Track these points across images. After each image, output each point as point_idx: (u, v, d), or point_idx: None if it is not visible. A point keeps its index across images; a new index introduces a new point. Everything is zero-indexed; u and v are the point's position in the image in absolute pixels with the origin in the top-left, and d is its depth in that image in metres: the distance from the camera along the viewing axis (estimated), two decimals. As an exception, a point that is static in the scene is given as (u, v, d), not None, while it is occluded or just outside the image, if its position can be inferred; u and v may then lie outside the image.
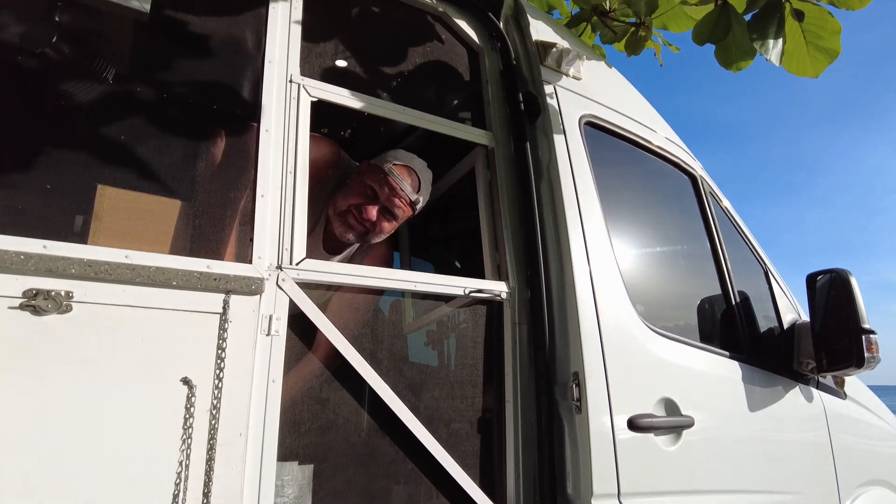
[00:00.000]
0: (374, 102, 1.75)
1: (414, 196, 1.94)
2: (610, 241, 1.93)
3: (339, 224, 1.90)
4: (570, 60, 2.12)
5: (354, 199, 1.89)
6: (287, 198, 1.50)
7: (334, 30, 1.84)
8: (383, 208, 1.91)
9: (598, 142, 2.13)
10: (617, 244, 1.97)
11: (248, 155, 1.50)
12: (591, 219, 1.90)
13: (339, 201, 1.92)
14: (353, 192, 1.91)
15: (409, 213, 1.98)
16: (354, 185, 1.93)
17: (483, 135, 1.97)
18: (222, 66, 1.57)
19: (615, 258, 1.93)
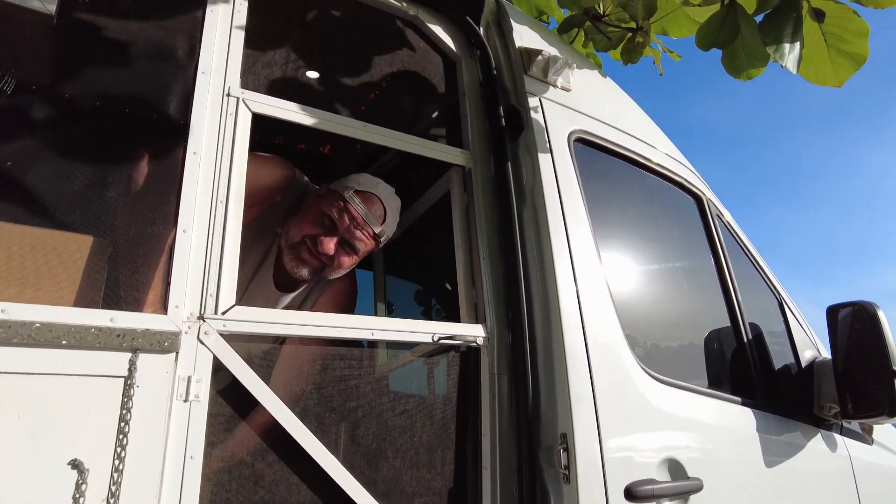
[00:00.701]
0: (330, 118, 1.52)
1: (378, 227, 1.70)
2: (604, 275, 1.69)
3: (291, 258, 1.66)
4: (557, 69, 1.89)
5: (309, 228, 1.65)
6: (215, 232, 1.26)
7: (285, 36, 1.62)
8: (342, 241, 1.67)
9: (590, 160, 1.89)
10: (612, 278, 1.72)
11: (171, 182, 1.26)
12: (581, 249, 1.65)
13: (291, 231, 1.68)
14: (308, 220, 1.67)
15: (372, 245, 1.74)
16: (310, 212, 1.69)
17: (459, 154, 1.73)
18: (144, 77, 1.34)
19: (610, 295, 1.68)
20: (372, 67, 1.75)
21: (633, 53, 2.24)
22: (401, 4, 1.83)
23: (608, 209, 1.89)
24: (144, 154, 1.28)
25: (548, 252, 1.60)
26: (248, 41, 1.50)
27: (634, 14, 2.15)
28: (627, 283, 1.86)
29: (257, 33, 1.56)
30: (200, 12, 1.43)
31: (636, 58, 2.25)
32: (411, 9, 1.85)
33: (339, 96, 1.66)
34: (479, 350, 1.52)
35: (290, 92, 1.54)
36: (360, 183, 1.72)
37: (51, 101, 1.25)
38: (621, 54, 2.28)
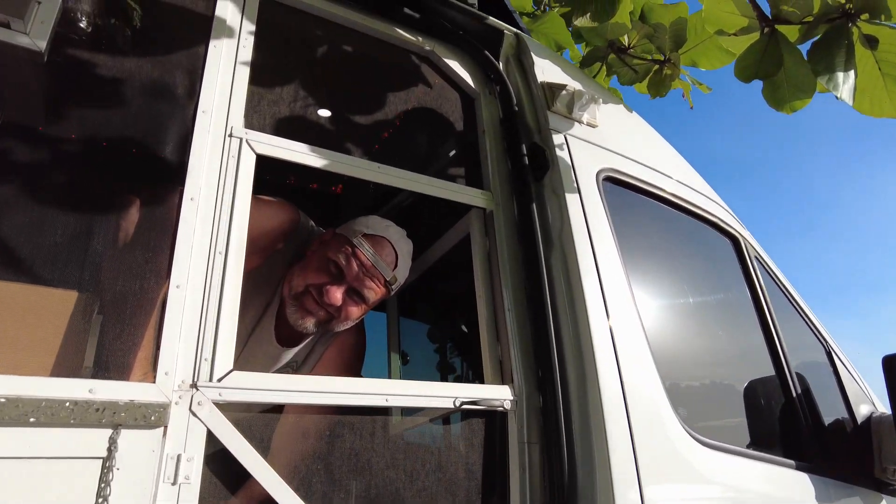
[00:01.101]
0: (341, 160, 1.40)
1: (389, 274, 1.57)
2: (642, 327, 1.53)
3: (295, 309, 1.52)
4: (583, 105, 1.77)
5: (314, 277, 1.52)
6: (212, 287, 1.12)
7: (293, 73, 1.52)
8: (351, 289, 1.53)
9: (621, 201, 1.75)
10: (649, 329, 1.56)
11: (164, 231, 1.14)
12: (616, 298, 1.50)
13: (294, 280, 1.55)
14: (313, 268, 1.53)
15: (383, 293, 1.60)
16: (314, 259, 1.56)
17: (480, 195, 1.60)
18: (138, 117, 1.23)
19: (649, 347, 1.52)
20: (386, 105, 1.64)
21: (660, 86, 2.13)
22: (416, 39, 1.74)
23: (642, 253, 1.74)
24: (136, 200, 1.16)
25: (580, 302, 1.45)
26: (254, 78, 1.40)
27: (662, 45, 2.05)
28: (666, 334, 1.69)
29: (263, 70, 1.46)
30: (202, 48, 1.34)
31: (664, 91, 2.14)
32: (427, 43, 1.76)
33: (351, 136, 1.55)
34: (507, 415, 1.36)
35: (298, 132, 1.43)
36: (369, 226, 1.59)
37: (35, 143, 1.14)
38: (648, 87, 2.17)
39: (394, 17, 1.71)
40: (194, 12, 1.41)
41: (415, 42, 1.74)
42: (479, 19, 1.86)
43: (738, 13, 1.62)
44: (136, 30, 1.33)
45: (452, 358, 2.10)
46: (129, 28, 1.32)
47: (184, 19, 1.40)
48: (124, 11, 1.34)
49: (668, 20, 1.99)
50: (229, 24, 1.40)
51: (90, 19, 1.29)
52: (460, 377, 1.99)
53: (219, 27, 1.38)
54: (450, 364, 2.12)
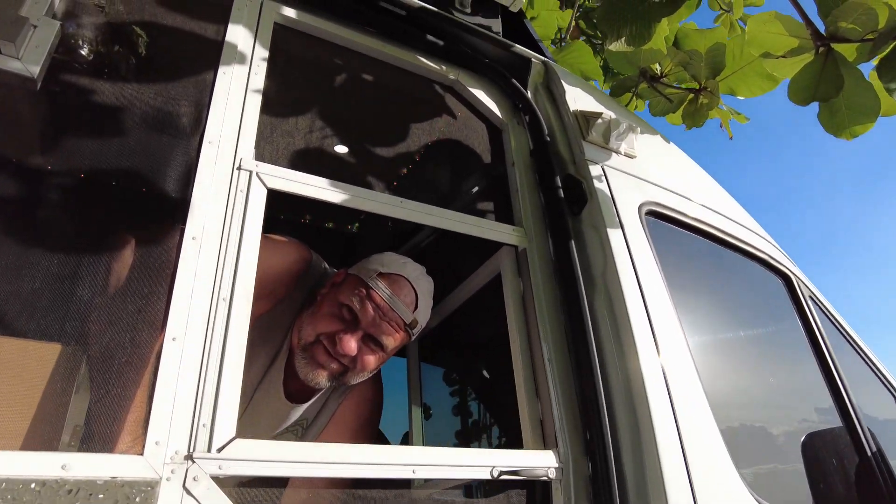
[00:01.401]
0: (360, 194, 1.27)
1: (409, 316, 1.41)
2: (699, 377, 1.35)
3: (306, 362, 1.36)
4: (620, 134, 1.64)
5: (326, 324, 1.36)
6: (213, 340, 0.97)
7: (308, 102, 1.40)
8: (367, 336, 1.37)
9: (665, 236, 1.60)
10: (707, 379, 1.38)
11: (161, 275, 1.00)
12: (669, 345, 1.33)
13: (304, 328, 1.39)
14: (324, 314, 1.38)
15: (402, 338, 1.44)
16: (326, 304, 1.40)
17: (511, 232, 1.45)
18: (136, 148, 1.11)
19: (708, 401, 1.34)
20: (407, 137, 1.52)
21: (697, 116, 2.00)
22: (439, 68, 1.63)
23: (690, 293, 1.58)
24: (130, 240, 1.03)
25: (630, 350, 1.28)
26: (266, 107, 1.29)
27: (697, 73, 1.93)
28: (723, 384, 1.51)
29: (277, 99, 1.35)
30: (210, 75, 1.23)
31: (701, 121, 2.01)
32: (451, 72, 1.65)
33: (370, 169, 1.42)
34: (551, 486, 1.17)
35: (313, 165, 1.31)
36: (385, 264, 1.44)
37: (19, 175, 1.02)
38: (683, 118, 2.04)
39: (416, 45, 1.61)
40: (203, 38, 1.31)
41: (438, 71, 1.63)
42: (505, 47, 1.75)
43: (787, 34, 1.49)
44: (140, 57, 1.23)
45: (484, 414, 1.90)
46: (133, 55, 1.22)
47: (192, 46, 1.30)
48: (129, 38, 1.24)
49: (704, 46, 1.88)
50: (240, 50, 1.30)
51: (92, 46, 1.19)
52: (494, 438, 1.80)
53: (229, 53, 1.28)
54: (481, 422, 1.92)
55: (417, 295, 1.44)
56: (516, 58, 1.77)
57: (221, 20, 1.33)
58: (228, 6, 1.36)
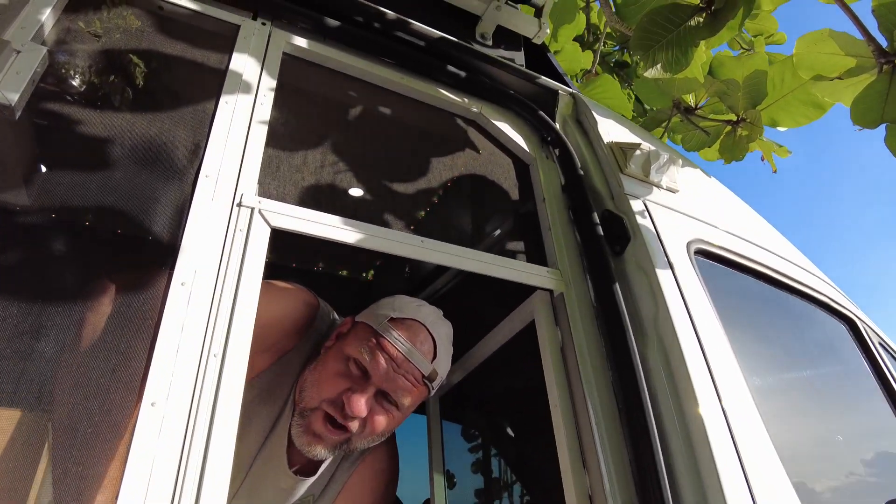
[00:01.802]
0: (376, 234, 1.12)
1: (427, 367, 1.22)
2: (769, 437, 1.15)
3: (301, 430, 1.18)
4: (661, 166, 1.49)
5: (331, 387, 1.17)
6: (201, 405, 0.81)
7: (320, 135, 1.28)
8: (379, 393, 1.19)
9: (717, 279, 1.43)
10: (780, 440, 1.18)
11: (142, 328, 0.84)
12: (736, 404, 1.13)
13: (307, 391, 1.20)
14: (329, 373, 1.19)
15: (420, 393, 1.25)
16: (331, 360, 1.22)
17: (546, 274, 1.29)
18: (120, 183, 0.98)
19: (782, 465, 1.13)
20: (428, 173, 1.39)
21: (736, 149, 1.85)
22: (461, 100, 1.52)
23: (751, 342, 1.39)
24: (108, 287, 0.88)
25: (692, 411, 1.09)
26: (273, 140, 1.16)
27: (734, 104, 1.80)
28: (796, 443, 1.30)
29: (285, 131, 1.23)
30: (210, 105, 1.11)
31: (741, 154, 1.86)
32: (473, 105, 1.53)
33: (387, 207, 1.28)
34: (611, 580, 0.96)
35: (324, 202, 1.17)
36: (397, 308, 1.27)
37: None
38: (721, 152, 1.90)
39: (435, 77, 1.51)
40: (205, 67, 1.21)
41: (460, 103, 1.51)
42: (530, 79, 1.64)
43: (843, 53, 1.36)
44: (135, 87, 1.12)
45: (518, 485, 1.68)
46: (127, 85, 1.11)
47: (192, 76, 1.19)
48: (124, 67, 1.13)
49: (742, 74, 1.75)
50: (245, 79, 1.19)
51: (83, 74, 1.09)
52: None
53: (232, 83, 1.17)
54: (514, 494, 1.70)
55: (436, 342, 1.26)
56: (542, 90, 1.66)
57: (226, 49, 1.23)
58: (234, 35, 1.27)
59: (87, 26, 1.15)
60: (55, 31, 1.11)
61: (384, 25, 1.47)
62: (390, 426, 1.24)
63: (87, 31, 1.14)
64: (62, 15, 1.14)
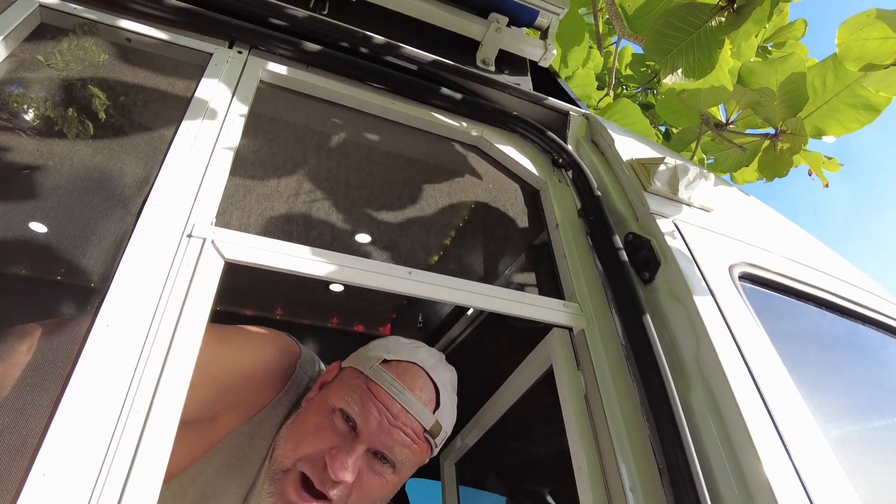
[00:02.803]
0: (352, 264, 0.96)
1: (429, 418, 1.00)
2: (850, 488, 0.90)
3: (272, 500, 0.95)
4: (690, 182, 1.31)
5: (310, 443, 0.96)
6: (107, 482, 0.64)
7: (298, 164, 1.15)
8: (371, 452, 0.98)
9: (768, 307, 1.20)
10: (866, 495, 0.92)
11: (48, 382, 0.69)
12: (812, 457, 0.89)
13: (280, 449, 1.00)
14: (310, 428, 0.99)
15: (422, 451, 1.02)
16: (312, 413, 1.01)
17: (562, 308, 1.10)
18: (51, 214, 0.85)
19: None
20: (422, 202, 1.24)
21: (778, 165, 1.65)
22: (458, 125, 1.38)
23: (821, 382, 1.15)
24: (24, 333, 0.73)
25: (753, 470, 0.85)
26: (242, 168, 1.04)
27: (771, 115, 1.61)
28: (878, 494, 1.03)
29: (257, 159, 1.11)
30: (169, 131, 1.00)
31: (784, 169, 1.66)
32: (473, 129, 1.39)
33: (374, 241, 1.13)
34: None
35: (297, 235, 1.02)
36: (391, 349, 1.05)
37: None
38: (760, 169, 1.70)
39: (429, 102, 1.38)
40: (169, 95, 1.11)
41: (457, 127, 1.38)
42: (537, 101, 1.51)
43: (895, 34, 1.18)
44: (91, 115, 1.02)
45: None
46: (82, 114, 1.01)
47: (154, 103, 1.09)
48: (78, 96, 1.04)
49: (776, 81, 1.57)
50: (211, 106, 1.08)
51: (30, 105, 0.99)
52: None
53: (196, 109, 1.06)
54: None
55: (438, 389, 1.04)
56: (552, 112, 1.52)
57: (195, 77, 1.14)
58: (204, 64, 1.17)
59: (43, 57, 1.07)
60: (6, 61, 1.03)
61: (372, 50, 1.37)
62: (383, 493, 1.02)
63: (43, 60, 1.06)
64: (19, 45, 1.07)
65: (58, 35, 1.13)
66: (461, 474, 1.60)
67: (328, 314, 2.43)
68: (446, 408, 1.04)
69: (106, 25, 1.16)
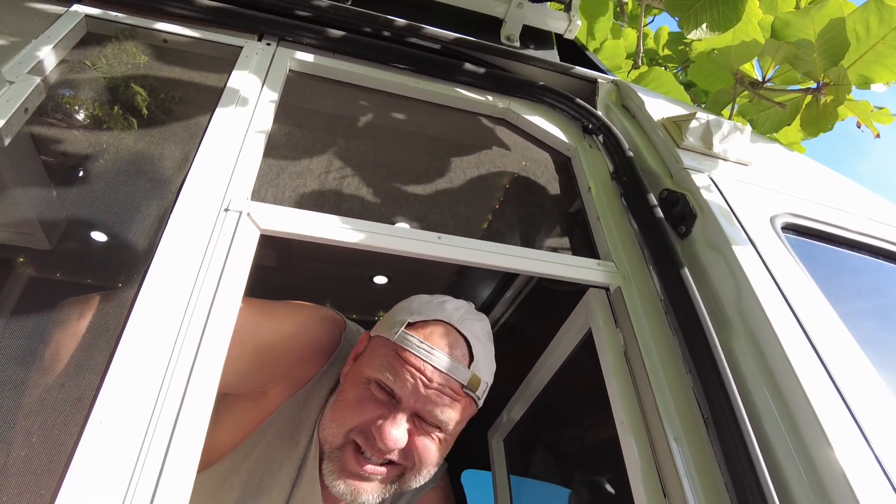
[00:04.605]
0: (383, 231, 0.98)
1: (465, 373, 1.00)
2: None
3: (334, 476, 0.98)
4: (725, 137, 1.27)
5: (354, 415, 0.98)
6: (157, 430, 0.67)
7: (328, 144, 1.19)
8: (413, 417, 0.99)
9: (816, 258, 1.15)
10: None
11: (101, 342, 0.73)
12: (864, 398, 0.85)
13: (328, 428, 1.01)
14: (350, 402, 1.00)
15: (466, 407, 1.02)
16: (349, 387, 1.03)
17: (597, 267, 1.09)
18: (100, 195, 0.91)
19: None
20: (452, 176, 1.25)
21: (822, 119, 1.58)
22: (485, 99, 1.39)
23: (878, 332, 1.09)
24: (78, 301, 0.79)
25: (800, 409, 0.82)
26: (274, 150, 1.08)
27: (811, 69, 1.54)
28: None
29: (289, 141, 1.15)
30: (205, 118, 1.05)
31: (829, 123, 1.59)
32: (499, 101, 1.40)
33: (405, 213, 1.15)
34: None
35: (328, 208, 1.05)
36: (414, 311, 1.05)
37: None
38: (803, 126, 1.63)
39: (454, 79, 1.40)
40: (203, 87, 1.16)
41: (484, 102, 1.39)
42: (564, 70, 1.50)
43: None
44: (133, 109, 1.08)
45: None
46: (125, 109, 1.07)
47: (189, 95, 1.15)
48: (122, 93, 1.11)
49: (814, 31, 1.51)
50: (242, 94, 1.13)
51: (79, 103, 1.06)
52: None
53: (229, 97, 1.11)
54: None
55: (469, 342, 1.03)
56: (580, 80, 1.51)
57: (226, 70, 1.19)
58: (235, 58, 1.23)
59: (91, 62, 1.15)
60: (58, 67, 1.11)
61: (395, 33, 1.40)
62: (438, 452, 1.02)
63: (91, 65, 1.14)
64: (69, 53, 1.15)
65: (102, 41, 1.21)
66: (510, 453, 1.60)
67: (373, 308, 2.47)
68: (482, 359, 1.03)
69: (144, 29, 1.24)
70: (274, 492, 1.08)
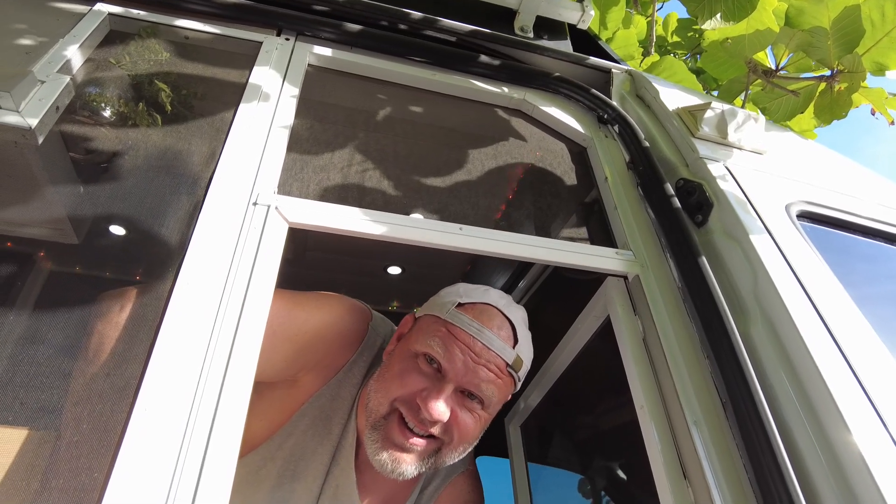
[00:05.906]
0: (406, 222, 1.01)
1: (511, 353, 1.04)
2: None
3: (378, 445, 1.01)
4: (740, 126, 1.28)
5: (401, 386, 1.02)
6: (199, 417, 0.70)
7: (349, 137, 1.21)
8: (459, 392, 1.02)
9: (832, 246, 1.17)
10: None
11: (142, 332, 0.77)
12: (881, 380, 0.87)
13: (373, 400, 1.05)
14: (395, 375, 1.04)
15: (507, 385, 1.06)
16: (396, 361, 1.06)
17: (615, 256, 1.11)
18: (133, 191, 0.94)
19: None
20: (470, 167, 1.27)
21: (836, 106, 1.59)
22: (500, 90, 1.41)
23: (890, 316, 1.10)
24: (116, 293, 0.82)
25: (817, 390, 0.84)
26: (296, 144, 1.11)
27: (825, 56, 1.55)
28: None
29: (311, 135, 1.17)
30: (229, 114, 1.07)
31: (843, 111, 1.59)
32: (515, 93, 1.41)
33: (425, 204, 1.17)
34: None
35: (351, 200, 1.08)
36: (462, 294, 1.10)
37: None
38: (817, 114, 1.63)
39: (470, 71, 1.41)
40: (226, 83, 1.19)
41: (499, 93, 1.40)
42: (578, 61, 1.51)
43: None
44: (159, 106, 1.11)
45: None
46: (151, 106, 1.10)
47: (213, 92, 1.17)
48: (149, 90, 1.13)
49: (828, 18, 1.51)
50: (265, 90, 1.15)
51: (108, 100, 1.09)
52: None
53: (251, 93, 1.13)
54: None
55: (514, 326, 1.08)
56: (594, 70, 1.52)
57: (247, 66, 1.21)
58: (255, 53, 1.25)
59: (115, 59, 1.17)
60: (85, 65, 1.13)
61: (411, 26, 1.41)
62: (478, 429, 1.06)
63: (115, 62, 1.16)
64: (94, 51, 1.17)
65: (126, 39, 1.23)
66: (527, 439, 1.63)
67: (388, 298, 2.50)
68: (524, 343, 1.09)
69: (166, 26, 1.26)
70: (309, 478, 1.11)
